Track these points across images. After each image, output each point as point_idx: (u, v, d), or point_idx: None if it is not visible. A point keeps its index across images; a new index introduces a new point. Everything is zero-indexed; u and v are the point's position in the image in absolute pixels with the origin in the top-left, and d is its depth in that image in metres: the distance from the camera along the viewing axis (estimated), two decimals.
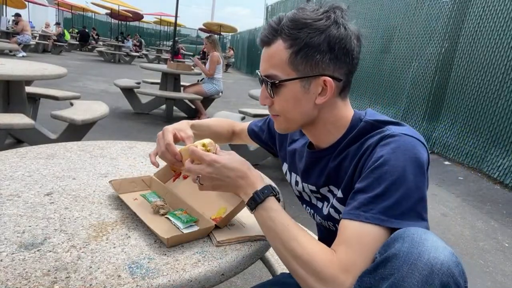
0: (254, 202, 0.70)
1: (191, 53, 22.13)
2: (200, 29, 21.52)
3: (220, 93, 5.51)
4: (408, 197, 0.64)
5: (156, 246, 0.68)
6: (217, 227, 0.76)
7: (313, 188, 0.87)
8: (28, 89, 3.32)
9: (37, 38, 13.74)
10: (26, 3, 16.15)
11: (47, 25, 15.26)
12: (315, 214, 0.89)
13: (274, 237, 0.68)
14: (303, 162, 0.88)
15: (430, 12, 5.19)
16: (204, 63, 5.37)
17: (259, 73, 0.79)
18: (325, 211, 0.84)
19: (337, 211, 0.79)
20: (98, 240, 0.67)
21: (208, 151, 0.76)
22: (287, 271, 1.03)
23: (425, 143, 0.71)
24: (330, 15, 0.71)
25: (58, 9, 23.32)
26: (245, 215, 0.82)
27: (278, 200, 0.73)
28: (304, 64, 0.72)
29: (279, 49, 0.73)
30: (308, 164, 0.87)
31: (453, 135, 4.57)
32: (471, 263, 2.23)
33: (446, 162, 4.26)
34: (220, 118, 1.17)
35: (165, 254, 0.65)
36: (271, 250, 1.22)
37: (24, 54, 10.90)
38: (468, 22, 4.46)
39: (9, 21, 12.70)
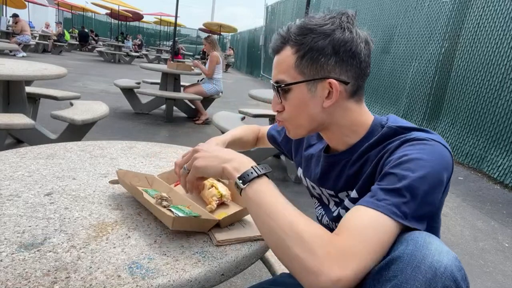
0: (250, 175, 0.67)
1: (191, 53, 22.15)
2: (200, 29, 21.51)
3: (220, 93, 5.51)
4: (426, 200, 0.62)
5: (156, 246, 0.68)
6: (218, 226, 0.76)
7: (331, 192, 0.86)
8: (28, 89, 3.32)
9: (37, 38, 13.74)
10: (26, 3, 16.14)
11: (47, 25, 15.26)
12: (324, 215, 0.89)
13: (266, 213, 0.63)
14: (320, 167, 0.88)
15: (430, 12, 5.19)
16: (204, 63, 5.38)
17: (271, 82, 0.81)
18: (335, 213, 0.84)
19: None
20: (98, 240, 0.67)
21: (221, 198, 0.83)
22: (287, 271, 1.04)
23: (451, 152, 0.70)
24: (335, 20, 0.73)
25: (58, 9, 23.33)
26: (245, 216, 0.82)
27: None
28: (309, 67, 0.73)
29: (287, 55, 0.76)
30: (324, 168, 0.86)
31: (453, 135, 4.57)
32: (471, 263, 2.23)
33: None
34: (247, 126, 1.16)
35: (165, 254, 0.66)
36: (271, 250, 1.22)
37: (24, 54, 10.90)
38: (468, 22, 4.46)
39: (9, 21, 12.70)
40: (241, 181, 0.67)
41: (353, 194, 0.78)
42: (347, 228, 0.60)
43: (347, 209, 0.79)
